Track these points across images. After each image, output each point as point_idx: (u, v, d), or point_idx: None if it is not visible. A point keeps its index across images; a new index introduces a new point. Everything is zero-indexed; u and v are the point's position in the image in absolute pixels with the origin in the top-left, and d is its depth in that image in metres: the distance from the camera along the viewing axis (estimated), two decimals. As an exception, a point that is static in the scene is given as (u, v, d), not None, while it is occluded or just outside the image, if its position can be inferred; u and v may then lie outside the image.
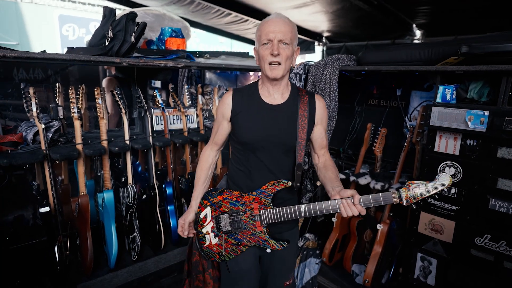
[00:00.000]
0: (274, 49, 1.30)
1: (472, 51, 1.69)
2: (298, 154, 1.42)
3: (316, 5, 4.14)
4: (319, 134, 1.52)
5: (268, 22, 1.34)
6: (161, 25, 2.84)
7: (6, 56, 1.59)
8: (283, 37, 1.31)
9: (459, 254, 1.85)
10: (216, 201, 1.49)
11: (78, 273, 2.26)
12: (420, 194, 1.21)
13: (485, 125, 1.65)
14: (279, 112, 1.43)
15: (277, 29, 1.31)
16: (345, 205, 1.26)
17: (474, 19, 3.78)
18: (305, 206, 1.34)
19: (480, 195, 1.74)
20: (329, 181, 1.43)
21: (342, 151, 2.86)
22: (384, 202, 1.25)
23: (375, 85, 2.72)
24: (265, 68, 1.36)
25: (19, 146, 2.04)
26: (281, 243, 1.43)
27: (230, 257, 1.47)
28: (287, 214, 1.37)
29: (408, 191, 1.22)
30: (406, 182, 1.25)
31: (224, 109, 1.46)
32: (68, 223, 2.23)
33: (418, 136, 2.22)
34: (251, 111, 1.43)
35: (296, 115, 1.42)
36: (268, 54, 1.32)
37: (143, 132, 2.62)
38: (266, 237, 1.42)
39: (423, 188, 1.21)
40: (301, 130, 1.41)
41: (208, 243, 1.50)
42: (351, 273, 2.60)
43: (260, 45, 1.35)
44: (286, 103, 1.44)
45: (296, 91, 1.48)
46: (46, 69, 2.93)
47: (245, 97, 1.45)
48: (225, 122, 1.48)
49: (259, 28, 1.37)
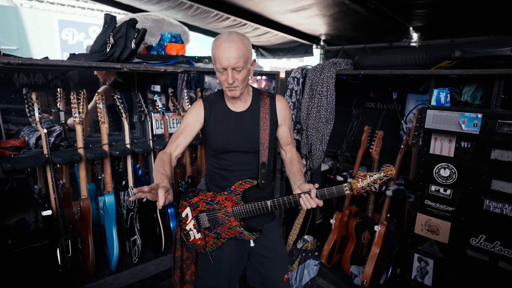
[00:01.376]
0: (229, 78, 1.41)
1: (465, 55, 1.73)
2: (262, 154, 1.56)
3: (313, 8, 4.19)
4: (284, 133, 1.68)
5: (221, 48, 1.38)
6: (161, 30, 2.87)
7: (10, 63, 1.62)
8: (236, 64, 1.39)
9: (455, 254, 1.88)
10: (193, 202, 1.66)
11: (80, 275, 2.29)
12: (367, 185, 1.38)
13: (478, 127, 1.68)
14: (243, 118, 1.58)
15: (230, 56, 1.37)
16: (304, 199, 1.42)
17: (471, 21, 3.82)
18: (270, 201, 1.51)
19: (474, 196, 1.78)
20: (292, 175, 1.61)
21: (339, 154, 2.89)
22: (338, 194, 1.41)
23: (371, 89, 2.76)
24: (224, 89, 1.50)
25: (21, 151, 2.07)
26: (254, 234, 1.61)
27: (213, 248, 1.65)
28: (256, 209, 1.54)
29: (358, 182, 1.39)
30: (356, 175, 1.41)
31: (198, 113, 1.59)
32: (70, 226, 2.26)
33: (414, 138, 2.25)
34: (220, 119, 1.58)
35: (258, 118, 1.57)
36: (224, 81, 1.45)
37: (143, 136, 2.65)
38: (241, 229, 1.60)
39: (370, 179, 1.37)
40: (263, 131, 1.56)
41: (192, 238, 1.68)
42: (349, 274, 2.63)
43: (216, 70, 1.45)
44: (249, 109, 1.59)
45: (258, 95, 1.62)
46: (47, 74, 2.96)
47: (213, 106, 1.59)
48: (198, 124, 1.59)
49: (213, 51, 1.43)
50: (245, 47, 1.41)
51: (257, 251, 1.70)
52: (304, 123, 2.50)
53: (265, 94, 1.63)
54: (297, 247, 2.80)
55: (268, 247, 1.70)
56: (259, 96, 1.62)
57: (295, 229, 2.82)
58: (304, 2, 4.06)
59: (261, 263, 1.72)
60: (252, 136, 1.57)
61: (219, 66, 1.41)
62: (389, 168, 1.37)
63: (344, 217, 2.67)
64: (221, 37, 1.41)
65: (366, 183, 1.38)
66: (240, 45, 1.39)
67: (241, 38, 1.41)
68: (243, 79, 1.44)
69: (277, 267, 1.73)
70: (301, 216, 2.80)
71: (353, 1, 3.84)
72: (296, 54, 6.40)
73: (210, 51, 1.48)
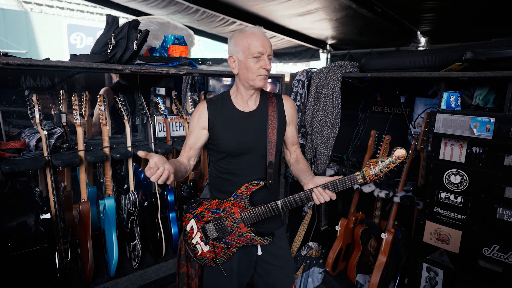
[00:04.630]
0: (267, 64, 1.42)
1: (477, 57, 1.67)
2: (269, 153, 1.50)
3: (320, 13, 4.16)
4: (291, 133, 1.64)
5: (256, 36, 1.41)
6: (166, 33, 2.86)
7: (10, 63, 1.61)
8: (271, 51, 1.44)
9: (466, 265, 1.79)
10: (198, 213, 1.57)
11: (79, 281, 2.25)
12: (380, 171, 1.31)
13: (491, 132, 1.61)
14: (253, 118, 1.53)
15: (266, 44, 1.42)
16: (317, 193, 1.35)
17: (479, 26, 3.75)
18: (280, 201, 1.43)
19: (487, 204, 1.69)
20: (302, 172, 1.54)
21: (345, 159, 2.82)
22: (351, 184, 1.34)
23: (378, 92, 2.69)
24: (254, 78, 1.44)
25: (21, 153, 2.05)
26: (267, 238, 1.53)
27: (224, 259, 1.56)
28: (266, 211, 1.46)
29: (370, 169, 1.32)
30: (368, 161, 1.34)
31: (200, 118, 1.52)
32: (70, 230, 2.23)
33: (422, 143, 2.18)
34: (228, 121, 1.51)
35: (267, 117, 1.53)
36: (259, 67, 1.42)
37: (145, 139, 2.62)
38: (252, 235, 1.52)
39: (382, 164, 1.31)
40: (271, 130, 1.51)
41: (200, 252, 1.59)
42: (355, 283, 2.54)
43: (249, 57, 1.41)
44: (258, 108, 1.55)
45: (265, 95, 1.59)
46: (53, 77, 2.96)
47: (219, 108, 1.52)
48: (201, 130, 1.52)
49: (244, 39, 1.42)
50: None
51: (265, 259, 1.62)
52: (309, 126, 2.44)
53: (271, 94, 1.61)
54: (301, 254, 2.72)
55: (276, 254, 1.62)
56: (266, 96, 1.59)
57: (299, 235, 2.75)
58: (310, 6, 4.03)
59: (268, 272, 1.64)
60: (263, 137, 1.52)
61: (255, 51, 1.39)
62: (400, 151, 1.30)
63: (350, 224, 2.59)
64: (249, 28, 1.45)
65: (378, 169, 1.31)
66: (268, 38, 1.47)
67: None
68: (270, 69, 1.48)
69: (285, 276, 1.66)
70: (306, 222, 2.73)
71: (360, 5, 3.80)
72: (302, 58, 6.37)
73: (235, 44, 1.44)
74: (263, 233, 1.55)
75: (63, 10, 8.14)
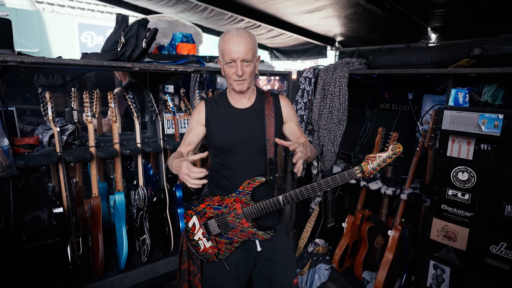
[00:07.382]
0: (238, 71, 1.43)
1: (485, 53, 1.65)
2: (269, 150, 1.54)
3: (328, 9, 4.14)
4: (293, 129, 1.67)
5: (230, 42, 1.42)
6: (174, 31, 2.89)
7: (24, 61, 1.66)
8: (245, 56, 1.42)
9: (473, 262, 1.78)
10: (200, 209, 1.60)
11: (90, 273, 2.31)
12: (377, 165, 1.39)
13: (499, 129, 1.59)
14: (247, 114, 1.57)
15: (239, 49, 1.40)
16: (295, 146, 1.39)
17: (491, 22, 3.68)
18: (282, 196, 1.47)
19: (495, 202, 1.68)
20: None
21: (352, 156, 2.82)
22: (350, 178, 1.41)
23: (386, 89, 2.68)
24: (231, 83, 1.49)
25: (35, 149, 2.11)
26: (268, 232, 1.57)
27: (226, 255, 1.60)
28: (268, 206, 1.50)
29: (368, 164, 1.39)
30: (366, 157, 1.41)
31: (199, 116, 1.58)
32: (81, 224, 2.29)
33: (430, 140, 2.17)
34: (223, 117, 1.56)
35: (263, 115, 1.56)
36: (233, 73, 1.45)
37: (154, 135, 2.66)
38: (254, 230, 1.55)
39: (380, 159, 1.39)
40: (269, 128, 1.54)
41: (203, 248, 1.62)
42: (361, 280, 2.55)
43: (224, 64, 1.46)
44: (253, 105, 1.58)
45: (261, 94, 1.62)
46: (65, 75, 3.03)
47: (216, 105, 1.58)
48: (200, 127, 1.58)
49: (221, 45, 1.46)
50: (253, 41, 1.46)
51: (264, 255, 1.65)
52: (315, 124, 2.45)
53: (269, 94, 1.64)
54: (308, 250, 2.74)
55: (275, 251, 1.65)
56: (263, 95, 1.62)
57: (306, 232, 2.76)
58: (319, 3, 4.02)
59: (268, 267, 1.67)
60: (257, 133, 1.55)
61: (228, 58, 1.42)
62: (396, 146, 1.38)
63: (357, 221, 2.60)
64: (230, 32, 1.45)
65: (376, 163, 1.39)
66: (248, 39, 1.43)
67: (248, 33, 1.46)
68: (251, 73, 1.48)
69: (286, 271, 1.68)
70: (313, 219, 2.75)
71: (369, 2, 3.77)
72: (310, 56, 6.35)
73: (218, 48, 1.49)
74: (265, 228, 1.58)
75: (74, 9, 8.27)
